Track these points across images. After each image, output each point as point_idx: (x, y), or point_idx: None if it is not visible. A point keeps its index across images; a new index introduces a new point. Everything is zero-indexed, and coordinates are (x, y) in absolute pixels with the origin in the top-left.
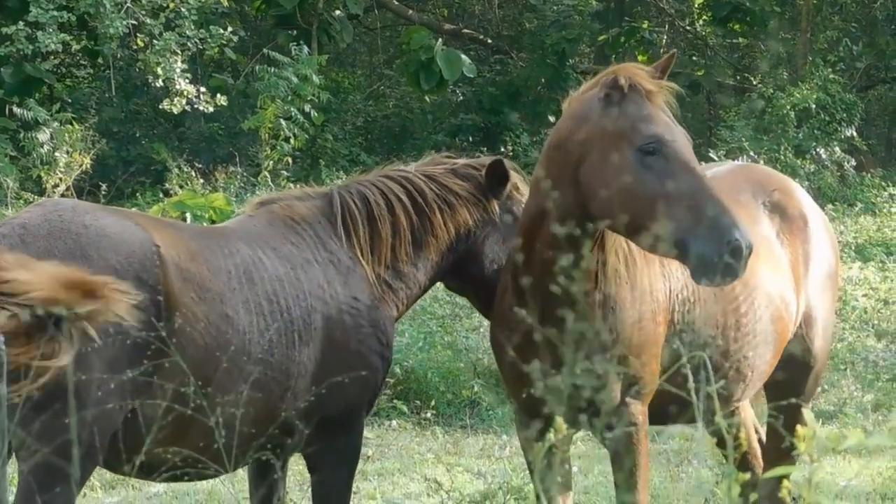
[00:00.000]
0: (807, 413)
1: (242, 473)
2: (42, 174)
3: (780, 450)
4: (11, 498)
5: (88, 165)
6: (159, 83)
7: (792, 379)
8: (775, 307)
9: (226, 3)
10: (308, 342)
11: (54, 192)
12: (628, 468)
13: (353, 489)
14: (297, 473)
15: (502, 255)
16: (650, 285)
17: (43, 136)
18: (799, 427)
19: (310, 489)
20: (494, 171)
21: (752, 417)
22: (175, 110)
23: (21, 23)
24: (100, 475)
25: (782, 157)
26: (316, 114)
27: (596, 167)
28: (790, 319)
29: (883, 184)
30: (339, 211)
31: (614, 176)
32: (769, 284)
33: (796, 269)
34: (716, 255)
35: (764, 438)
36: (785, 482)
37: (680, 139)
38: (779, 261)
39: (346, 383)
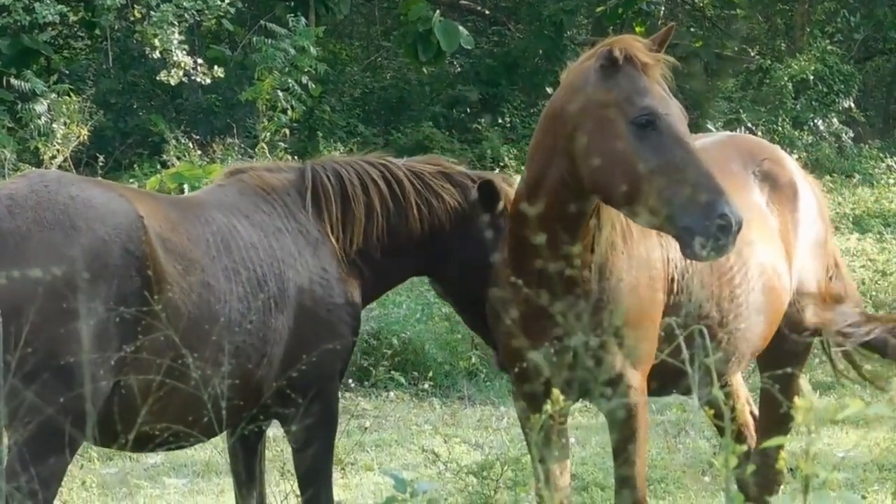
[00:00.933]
0: (804, 383)
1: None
2: (39, 146)
3: (774, 420)
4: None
5: (86, 137)
6: (156, 55)
7: (783, 350)
8: (768, 277)
9: None
10: (282, 309)
11: (52, 164)
12: (626, 438)
13: (348, 460)
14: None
15: (480, 265)
16: (647, 254)
17: (40, 107)
18: (797, 398)
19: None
20: (487, 189)
21: (744, 390)
22: (172, 82)
23: None
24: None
25: (780, 129)
26: (313, 85)
27: (589, 138)
28: (783, 290)
29: (881, 155)
30: (309, 184)
31: (607, 147)
32: (762, 254)
33: (786, 237)
34: (705, 230)
35: (755, 411)
36: (781, 453)
37: (674, 112)
38: (770, 230)
39: (316, 350)
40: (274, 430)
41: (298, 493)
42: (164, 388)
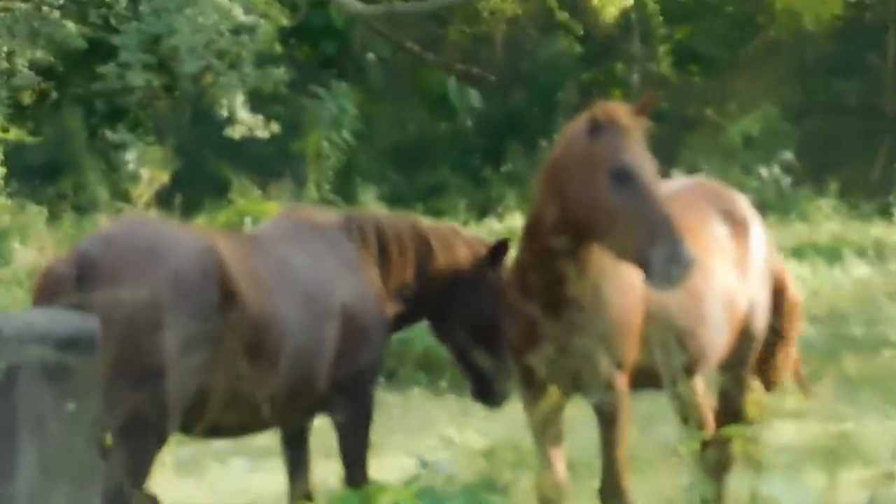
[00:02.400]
0: (755, 384)
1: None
2: (129, 187)
3: (729, 413)
4: None
5: (166, 180)
6: (224, 113)
7: (738, 355)
8: (727, 296)
9: (278, 49)
10: (329, 322)
11: (139, 202)
12: (611, 428)
13: (380, 444)
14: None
15: (481, 312)
16: (631, 278)
17: (130, 155)
18: (749, 396)
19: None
20: (497, 249)
21: (703, 388)
22: (236, 136)
23: (112, 64)
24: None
25: (732, 176)
26: (351, 139)
27: (577, 188)
28: (739, 306)
29: (813, 196)
30: (356, 227)
31: (589, 195)
32: (722, 277)
33: (741, 264)
34: (666, 267)
35: (713, 404)
36: (735, 440)
37: (646, 166)
38: (729, 258)
39: (358, 355)
40: (318, 421)
41: (340, 472)
42: (233, 387)
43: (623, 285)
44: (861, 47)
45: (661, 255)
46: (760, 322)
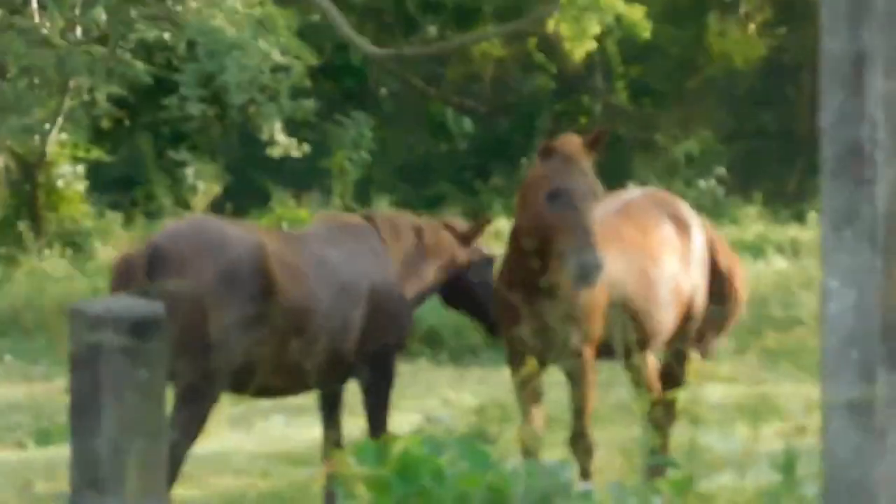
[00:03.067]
0: (693, 354)
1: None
2: (188, 197)
3: (673, 378)
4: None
5: (219, 191)
6: (265, 136)
7: (681, 331)
8: (675, 282)
9: (308, 84)
10: (359, 306)
11: (196, 209)
12: (580, 389)
13: (393, 405)
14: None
15: (479, 286)
16: None
17: (189, 171)
18: (688, 364)
19: (363, 404)
20: (472, 230)
21: (653, 358)
22: (275, 154)
23: (174, 96)
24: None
25: (676, 187)
26: (368, 157)
27: (528, 205)
28: (684, 291)
29: (742, 204)
30: (378, 223)
31: (535, 212)
32: (669, 267)
33: (685, 257)
34: (581, 271)
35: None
36: (677, 400)
37: (578, 188)
38: (675, 252)
39: (383, 332)
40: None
41: (363, 426)
42: (278, 357)
43: None
44: (781, 82)
45: (577, 262)
46: (700, 304)
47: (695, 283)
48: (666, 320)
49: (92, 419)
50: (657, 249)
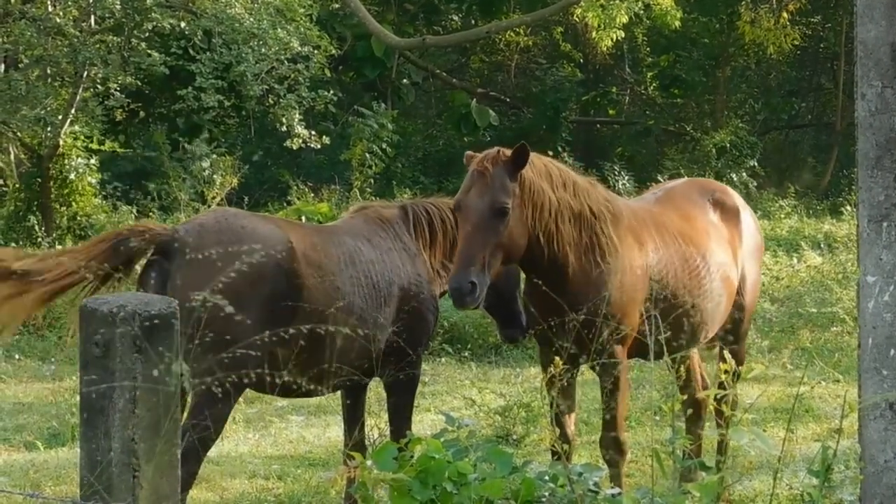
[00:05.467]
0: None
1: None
2: (204, 190)
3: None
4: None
5: (235, 184)
6: (283, 129)
7: (734, 324)
8: (723, 272)
9: (329, 75)
10: (388, 304)
11: (212, 203)
12: (612, 392)
13: (414, 404)
14: (378, 395)
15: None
16: (630, 263)
17: (205, 164)
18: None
19: (385, 405)
20: None
21: (697, 358)
22: (294, 147)
23: (189, 87)
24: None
25: (706, 179)
26: (389, 150)
27: None
28: (734, 279)
29: (775, 198)
30: (412, 216)
31: None
32: (717, 256)
33: (733, 244)
34: (450, 293)
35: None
36: (710, 400)
37: (467, 204)
38: (722, 239)
39: (410, 330)
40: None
41: (381, 427)
42: (302, 357)
43: (624, 267)
44: (815, 72)
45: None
46: (749, 296)
47: (745, 270)
48: (718, 312)
49: (103, 420)
50: (702, 237)
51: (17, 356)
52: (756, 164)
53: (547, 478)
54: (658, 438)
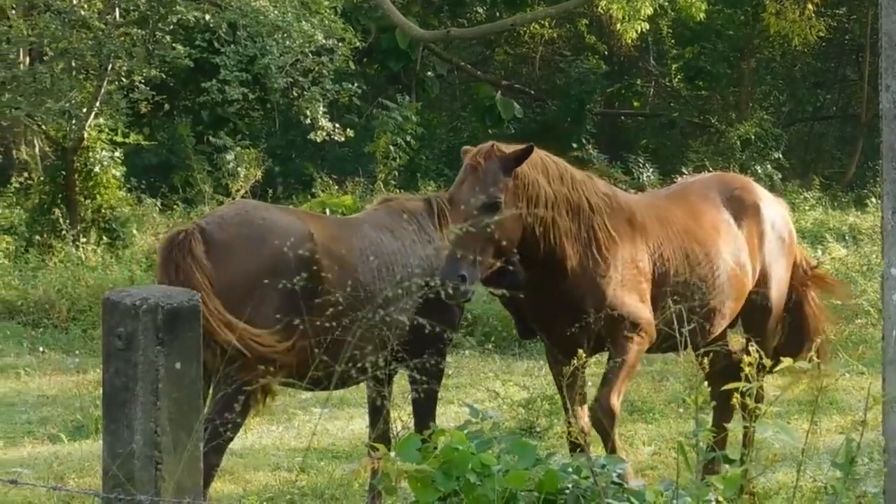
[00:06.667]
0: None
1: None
2: (228, 183)
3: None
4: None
5: (259, 177)
6: (308, 121)
7: (756, 321)
8: (731, 269)
9: (353, 67)
10: (410, 295)
11: (236, 196)
12: (617, 364)
13: (438, 396)
14: (401, 388)
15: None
16: (631, 256)
17: (229, 157)
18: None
19: (410, 398)
20: None
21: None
22: (318, 140)
23: (214, 80)
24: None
25: (731, 173)
26: (414, 142)
27: None
28: (744, 278)
29: (799, 190)
30: (436, 209)
31: None
32: (726, 254)
33: (751, 241)
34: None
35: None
36: (735, 393)
37: (458, 198)
38: (735, 237)
39: (434, 322)
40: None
41: (408, 419)
42: (325, 349)
43: (623, 262)
44: (841, 64)
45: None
46: (774, 292)
47: (767, 267)
48: (725, 308)
49: (125, 412)
50: (712, 234)
51: (41, 349)
52: (781, 156)
53: (570, 470)
54: (682, 431)
